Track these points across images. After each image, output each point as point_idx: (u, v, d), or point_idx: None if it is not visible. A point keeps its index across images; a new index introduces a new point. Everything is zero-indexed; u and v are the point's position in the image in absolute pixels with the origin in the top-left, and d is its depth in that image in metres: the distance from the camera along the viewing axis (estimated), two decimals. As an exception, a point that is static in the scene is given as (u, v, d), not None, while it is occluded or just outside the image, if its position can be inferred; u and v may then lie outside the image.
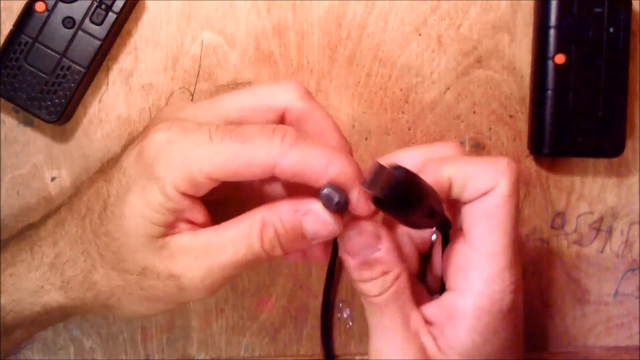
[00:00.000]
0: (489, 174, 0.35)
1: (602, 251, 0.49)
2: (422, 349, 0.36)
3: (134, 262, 0.35)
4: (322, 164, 0.33)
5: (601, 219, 0.48)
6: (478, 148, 0.47)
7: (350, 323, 0.48)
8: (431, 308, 0.37)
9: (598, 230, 0.48)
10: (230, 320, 0.47)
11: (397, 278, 0.36)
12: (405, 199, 0.33)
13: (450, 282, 0.37)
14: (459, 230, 0.37)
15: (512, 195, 0.35)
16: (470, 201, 0.36)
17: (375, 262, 0.35)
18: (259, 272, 0.47)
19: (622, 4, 0.45)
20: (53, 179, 0.45)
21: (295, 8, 0.45)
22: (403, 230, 0.38)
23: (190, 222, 0.34)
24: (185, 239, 0.34)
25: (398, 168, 0.32)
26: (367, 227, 0.35)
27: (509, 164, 0.35)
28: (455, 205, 0.37)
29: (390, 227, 0.37)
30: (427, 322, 0.37)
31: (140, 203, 0.33)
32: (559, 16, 0.45)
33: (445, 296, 0.37)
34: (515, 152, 0.47)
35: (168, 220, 0.34)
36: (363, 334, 0.48)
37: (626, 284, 0.49)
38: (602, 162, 0.48)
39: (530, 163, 0.48)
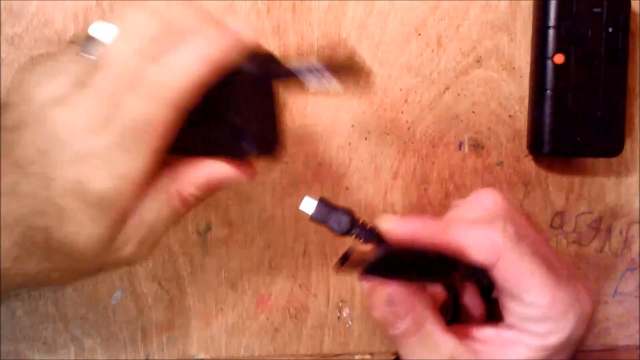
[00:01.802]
0: (485, 247, 0.35)
1: (601, 251, 0.49)
2: None
3: (89, 263, 0.35)
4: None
5: (600, 219, 0.49)
6: (477, 148, 0.47)
7: (350, 322, 0.48)
8: (486, 331, 0.38)
9: (597, 229, 0.49)
10: (230, 320, 0.47)
11: (410, 310, 0.36)
12: (390, 272, 0.34)
13: (513, 322, 0.37)
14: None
15: (521, 259, 0.35)
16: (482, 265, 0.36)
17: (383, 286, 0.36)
18: (258, 271, 0.47)
19: (621, 5, 0.45)
20: (53, 178, 0.45)
21: (295, 8, 0.45)
22: None
23: None
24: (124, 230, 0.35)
25: (379, 247, 0.33)
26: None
27: (503, 232, 0.35)
28: None
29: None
30: (477, 341, 0.37)
31: (87, 229, 0.33)
32: (558, 16, 0.45)
33: (508, 330, 0.37)
34: (514, 151, 0.47)
35: (117, 227, 0.33)
36: (362, 334, 0.48)
37: (625, 283, 0.49)
38: (601, 162, 0.48)
39: (529, 163, 0.48)
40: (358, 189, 0.46)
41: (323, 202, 0.35)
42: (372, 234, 0.36)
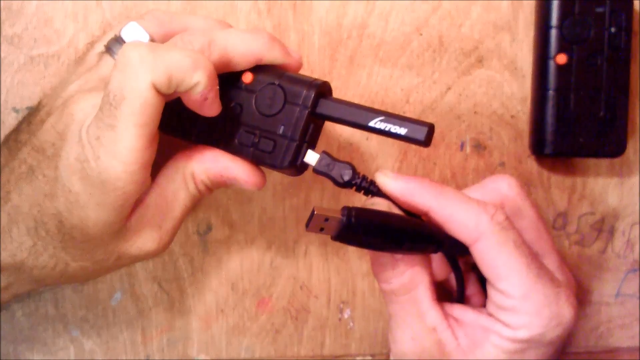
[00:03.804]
0: (468, 224, 0.36)
1: (603, 252, 0.49)
2: (440, 344, 0.37)
3: (107, 252, 0.37)
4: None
5: (603, 220, 0.48)
6: (479, 148, 0.47)
7: (352, 324, 0.47)
8: (466, 313, 0.38)
9: (600, 230, 0.48)
10: (231, 321, 0.47)
11: (409, 268, 0.37)
12: (361, 239, 0.35)
13: (490, 311, 0.38)
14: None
15: (502, 245, 0.36)
16: (461, 239, 0.37)
17: None
18: (259, 273, 0.46)
19: (624, 4, 0.45)
20: (53, 179, 0.45)
21: (296, 8, 0.45)
22: None
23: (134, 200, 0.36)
24: (139, 215, 0.36)
25: (345, 210, 0.34)
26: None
27: (492, 216, 0.36)
28: None
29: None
30: (455, 320, 0.38)
31: (94, 214, 0.34)
32: (561, 16, 0.44)
33: (485, 317, 0.38)
34: (516, 152, 0.47)
35: (121, 212, 0.35)
36: (364, 335, 0.48)
37: (628, 284, 0.49)
38: (604, 162, 0.48)
39: (531, 163, 0.48)
40: (359, 190, 0.46)
41: (326, 154, 0.36)
42: (372, 187, 0.37)
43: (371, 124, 0.35)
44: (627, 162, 0.48)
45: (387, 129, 0.35)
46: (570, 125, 0.45)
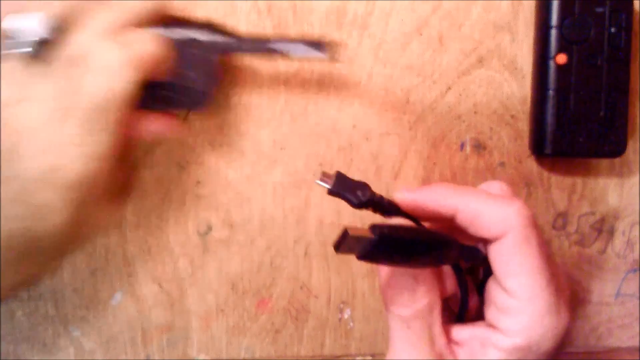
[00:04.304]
0: (498, 218, 0.35)
1: (603, 252, 0.49)
2: None
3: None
4: None
5: (603, 220, 0.48)
6: (479, 148, 0.47)
7: (352, 324, 0.47)
8: (463, 331, 0.38)
9: (600, 230, 0.48)
10: (231, 321, 0.47)
11: (428, 292, 0.36)
12: (388, 256, 0.34)
13: (489, 317, 0.37)
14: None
15: (526, 242, 0.35)
16: (484, 240, 0.36)
17: None
18: (259, 272, 0.46)
19: (624, 4, 0.45)
20: (53, 179, 0.45)
21: (296, 8, 0.45)
22: None
23: None
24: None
25: (374, 229, 0.32)
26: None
27: (519, 210, 0.35)
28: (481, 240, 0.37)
29: None
30: (453, 342, 0.37)
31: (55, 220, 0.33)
32: (561, 16, 0.44)
33: (482, 329, 0.37)
34: (516, 152, 0.47)
35: (86, 201, 0.34)
36: (364, 335, 0.48)
37: (628, 284, 0.49)
38: (604, 163, 0.48)
39: (531, 163, 0.48)
40: (359, 190, 0.46)
41: (340, 175, 0.36)
42: (388, 207, 0.36)
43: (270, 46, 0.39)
44: (627, 162, 0.48)
45: (285, 50, 0.38)
46: (570, 125, 0.45)
